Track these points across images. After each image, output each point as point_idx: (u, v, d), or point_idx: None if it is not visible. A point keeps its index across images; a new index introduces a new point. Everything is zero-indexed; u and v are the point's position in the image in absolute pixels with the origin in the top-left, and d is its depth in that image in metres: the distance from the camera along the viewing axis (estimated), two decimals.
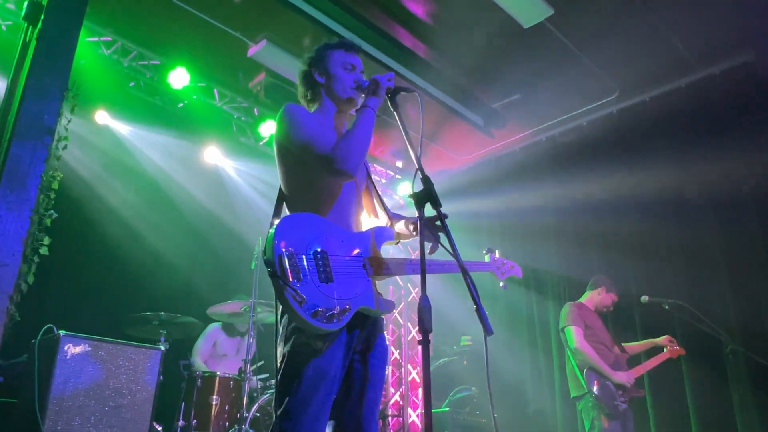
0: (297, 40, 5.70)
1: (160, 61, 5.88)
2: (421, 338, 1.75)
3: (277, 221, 2.15)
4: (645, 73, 5.83)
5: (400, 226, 2.45)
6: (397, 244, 2.48)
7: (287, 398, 2.02)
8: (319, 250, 2.09)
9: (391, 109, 2.28)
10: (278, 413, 2.03)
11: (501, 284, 2.72)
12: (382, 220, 2.50)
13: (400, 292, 7.75)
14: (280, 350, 2.11)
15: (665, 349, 4.91)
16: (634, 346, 5.09)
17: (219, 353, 5.57)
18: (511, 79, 6.09)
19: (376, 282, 2.24)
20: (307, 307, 1.96)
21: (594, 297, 5.10)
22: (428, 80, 5.98)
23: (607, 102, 6.20)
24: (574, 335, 4.72)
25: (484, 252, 2.75)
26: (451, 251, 1.92)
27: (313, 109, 2.47)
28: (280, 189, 2.37)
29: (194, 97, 6.21)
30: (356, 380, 2.17)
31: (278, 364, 2.10)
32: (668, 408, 5.32)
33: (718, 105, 5.45)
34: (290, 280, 1.97)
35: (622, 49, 5.48)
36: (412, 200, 1.96)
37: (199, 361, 5.38)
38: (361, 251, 2.22)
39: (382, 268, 2.23)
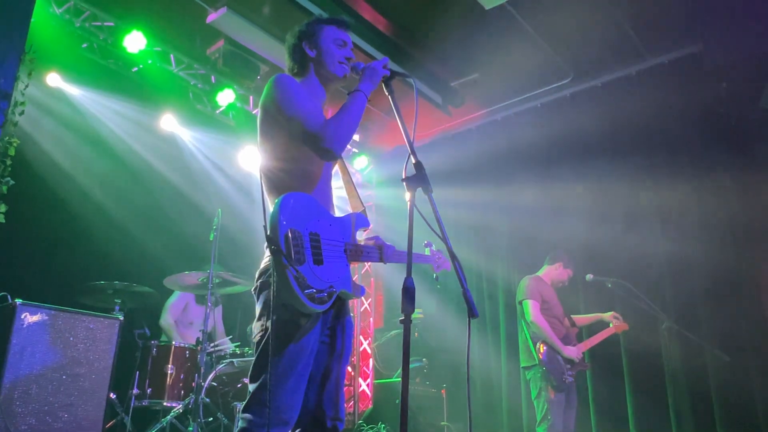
0: (257, 9, 5.62)
1: (114, 23, 5.70)
2: (403, 318, 1.84)
3: (274, 198, 2.15)
4: (598, 59, 6.01)
5: None
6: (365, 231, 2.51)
7: (267, 371, 2.04)
8: (313, 231, 2.12)
9: (386, 94, 2.30)
10: (257, 385, 2.07)
11: (435, 276, 2.77)
12: (356, 206, 2.51)
13: (353, 265, 7.83)
14: (262, 324, 2.15)
15: (611, 324, 5.17)
16: (582, 319, 5.34)
17: (187, 320, 5.57)
18: (471, 59, 6.18)
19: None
20: (304, 287, 2.01)
21: (551, 271, 5.27)
22: (387, 55, 5.94)
23: (561, 86, 6.37)
24: (531, 308, 4.90)
25: (424, 245, 2.75)
26: (440, 235, 1.98)
27: (299, 82, 2.41)
28: (262, 165, 2.30)
29: (149, 61, 6.02)
30: (327, 354, 2.26)
31: (258, 338, 2.13)
32: (606, 378, 5.62)
33: (666, 94, 5.66)
34: (294, 260, 2.00)
35: (577, 34, 5.62)
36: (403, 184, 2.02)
37: (170, 319, 5.36)
38: (344, 236, 2.28)
39: (358, 254, 2.32)
